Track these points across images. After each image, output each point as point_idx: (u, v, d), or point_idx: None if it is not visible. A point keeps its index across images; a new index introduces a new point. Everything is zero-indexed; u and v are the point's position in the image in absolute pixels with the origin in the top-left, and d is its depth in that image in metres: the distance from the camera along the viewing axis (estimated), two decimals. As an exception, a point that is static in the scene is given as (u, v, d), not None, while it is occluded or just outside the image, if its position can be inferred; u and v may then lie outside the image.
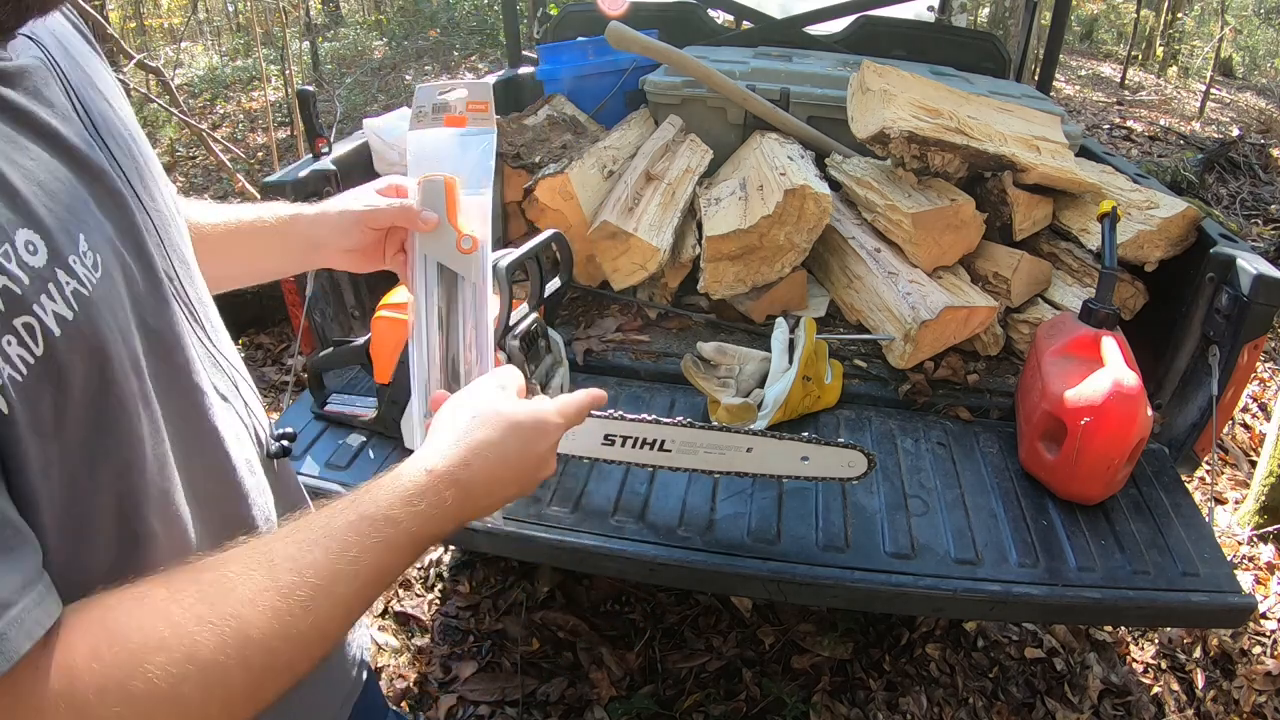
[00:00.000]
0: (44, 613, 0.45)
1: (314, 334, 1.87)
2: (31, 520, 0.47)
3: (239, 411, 0.72)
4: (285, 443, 0.79)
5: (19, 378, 0.46)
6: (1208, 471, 2.22)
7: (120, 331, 0.54)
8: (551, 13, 3.62)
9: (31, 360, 0.46)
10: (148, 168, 0.66)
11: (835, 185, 2.18)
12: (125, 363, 0.54)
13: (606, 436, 1.33)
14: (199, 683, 0.48)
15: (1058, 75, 5.54)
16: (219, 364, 0.70)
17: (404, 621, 2.18)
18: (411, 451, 0.67)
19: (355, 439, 1.59)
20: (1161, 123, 7.85)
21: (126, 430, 0.54)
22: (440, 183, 0.82)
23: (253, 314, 3.56)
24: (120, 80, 0.70)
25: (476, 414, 0.67)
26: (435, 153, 0.84)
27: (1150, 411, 1.49)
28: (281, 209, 0.89)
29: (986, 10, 10.83)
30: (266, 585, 0.52)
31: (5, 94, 0.51)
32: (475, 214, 0.84)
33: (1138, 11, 11.71)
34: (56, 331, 0.48)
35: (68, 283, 0.50)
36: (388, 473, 0.62)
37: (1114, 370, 1.47)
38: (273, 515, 0.75)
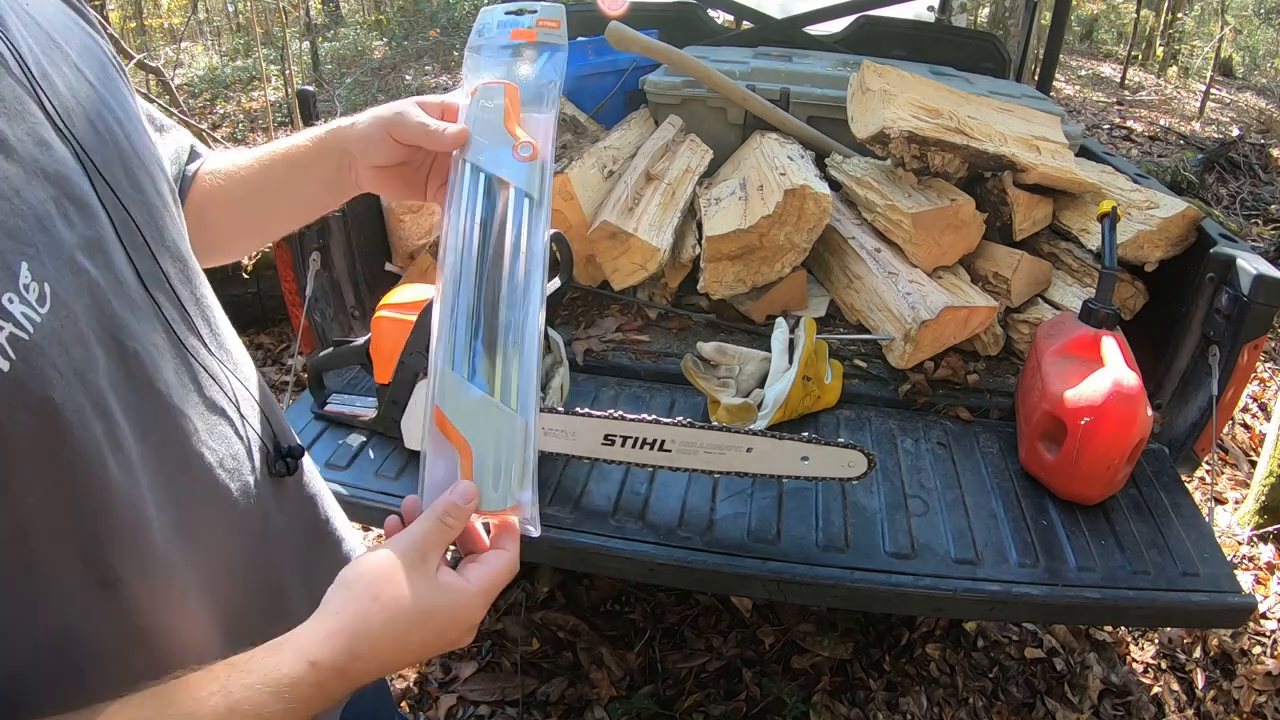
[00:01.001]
0: None
1: (314, 334, 1.86)
2: None
3: (237, 428, 0.66)
4: (290, 460, 0.73)
5: None
6: (1208, 471, 2.22)
7: (76, 373, 0.48)
8: (551, 13, 3.61)
9: None
10: (135, 155, 0.61)
11: (835, 185, 2.18)
12: (84, 409, 0.48)
13: (606, 436, 1.33)
14: None
15: (1058, 75, 5.54)
16: (216, 374, 0.65)
17: (404, 621, 2.18)
18: (412, 452, 0.65)
19: (355, 439, 1.59)
20: (1161, 123, 7.85)
21: (86, 479, 0.49)
22: (499, 89, 0.70)
23: (253, 314, 3.56)
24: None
25: (379, 596, 0.56)
26: (495, 66, 0.73)
27: (1150, 411, 1.49)
28: (318, 129, 0.80)
29: (986, 10, 10.83)
30: None
31: None
32: (538, 131, 0.71)
33: (1138, 11, 11.71)
34: None
35: (2, 327, 0.43)
36: (268, 652, 0.54)
37: (1114, 370, 1.47)
38: (275, 543, 0.70)
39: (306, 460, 0.79)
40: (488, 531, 0.67)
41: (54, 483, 0.47)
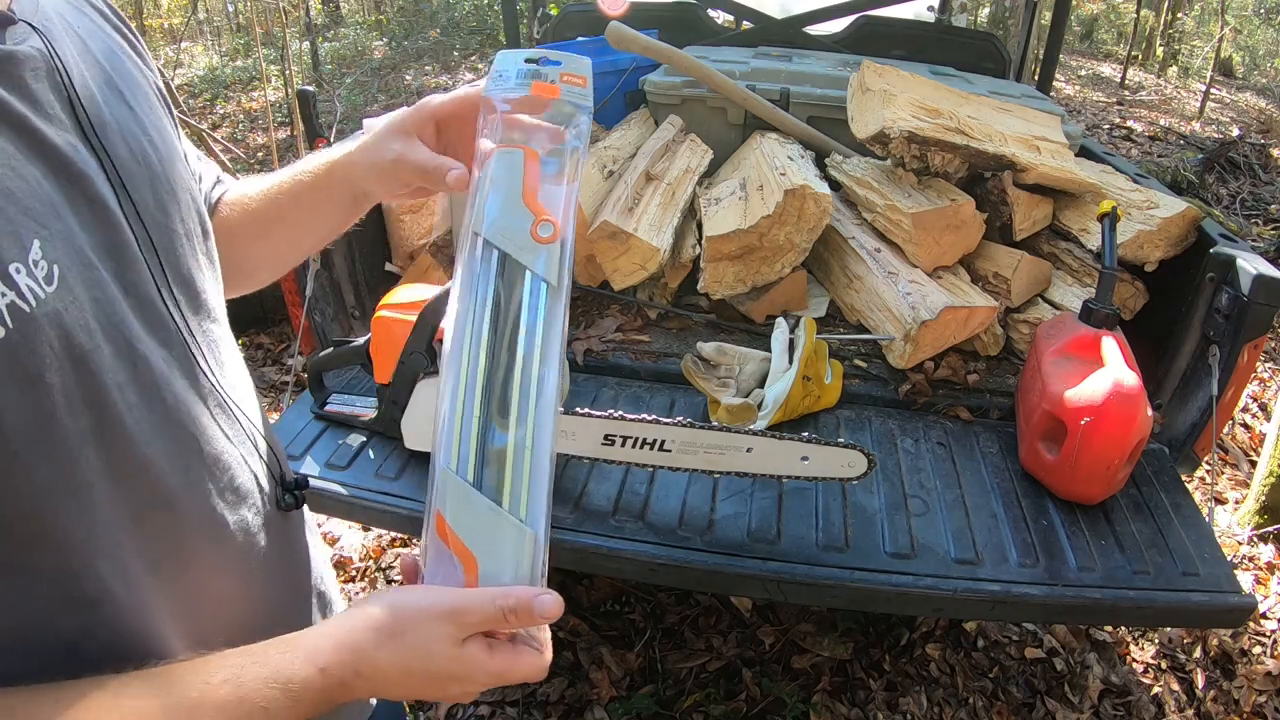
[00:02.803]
0: None
1: (314, 334, 1.86)
2: None
3: (244, 455, 0.65)
4: (296, 493, 0.72)
5: None
6: (1208, 471, 2.22)
7: (74, 359, 0.48)
8: (551, 13, 3.62)
9: None
10: (164, 180, 0.61)
11: (835, 185, 2.18)
12: (75, 397, 0.47)
13: (606, 436, 1.33)
14: None
15: (1058, 75, 5.54)
16: (225, 402, 0.64)
17: (404, 621, 2.18)
18: (412, 452, 0.64)
19: (355, 439, 1.59)
20: (1161, 123, 7.85)
21: (65, 475, 0.47)
22: (518, 155, 0.65)
23: (253, 314, 3.56)
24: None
25: (403, 636, 0.56)
26: (513, 127, 0.67)
27: (1150, 411, 1.49)
28: (317, 160, 0.79)
29: (986, 10, 10.83)
30: None
31: None
32: (559, 205, 0.65)
33: (1138, 11, 11.71)
34: None
35: (4, 294, 0.43)
36: (281, 648, 0.55)
37: (1114, 370, 1.47)
38: (269, 574, 0.69)
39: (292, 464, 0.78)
40: None
41: (34, 471, 0.46)
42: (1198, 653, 2.18)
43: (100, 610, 0.51)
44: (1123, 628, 2.22)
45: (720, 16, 3.42)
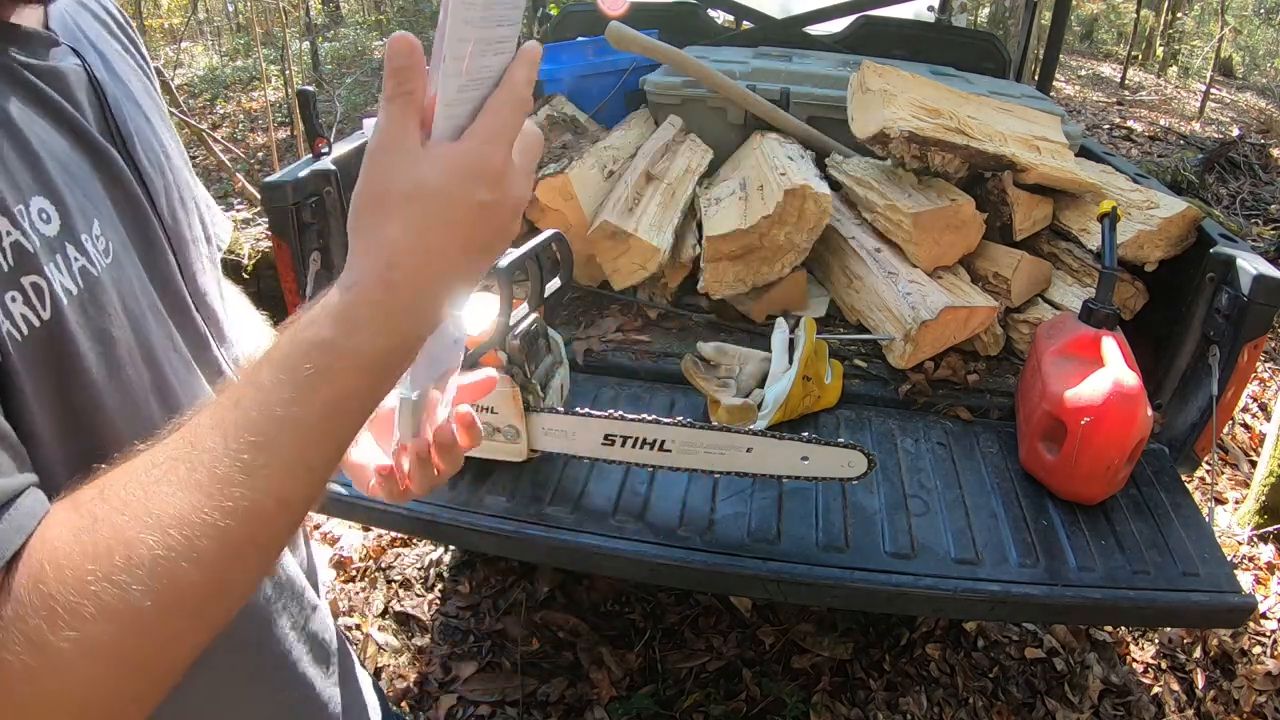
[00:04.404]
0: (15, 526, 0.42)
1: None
2: (32, 452, 0.46)
3: None
4: None
5: (19, 337, 0.45)
6: (1208, 471, 2.22)
7: (131, 321, 0.54)
8: (551, 13, 3.62)
9: (36, 323, 0.46)
10: (177, 188, 0.67)
11: (835, 185, 2.18)
12: (136, 354, 0.54)
13: (606, 436, 1.33)
14: (147, 588, 0.42)
15: (1058, 75, 5.54)
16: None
17: (404, 621, 2.18)
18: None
19: (355, 439, 1.59)
20: (1161, 123, 7.85)
21: (134, 416, 0.53)
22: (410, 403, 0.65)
23: (253, 314, 3.56)
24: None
25: (384, 193, 0.48)
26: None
27: (1150, 411, 1.49)
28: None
29: (986, 10, 10.83)
30: (194, 458, 0.44)
31: (35, 83, 0.53)
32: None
33: (1138, 11, 11.71)
34: (65, 301, 0.47)
35: (76, 259, 0.49)
36: (310, 304, 0.49)
37: (1114, 370, 1.47)
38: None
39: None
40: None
41: (104, 415, 0.51)
42: (1198, 653, 2.18)
43: None
44: (1123, 628, 2.22)
45: (720, 16, 3.42)
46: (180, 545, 0.42)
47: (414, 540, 2.41)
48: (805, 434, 1.40)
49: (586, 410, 1.35)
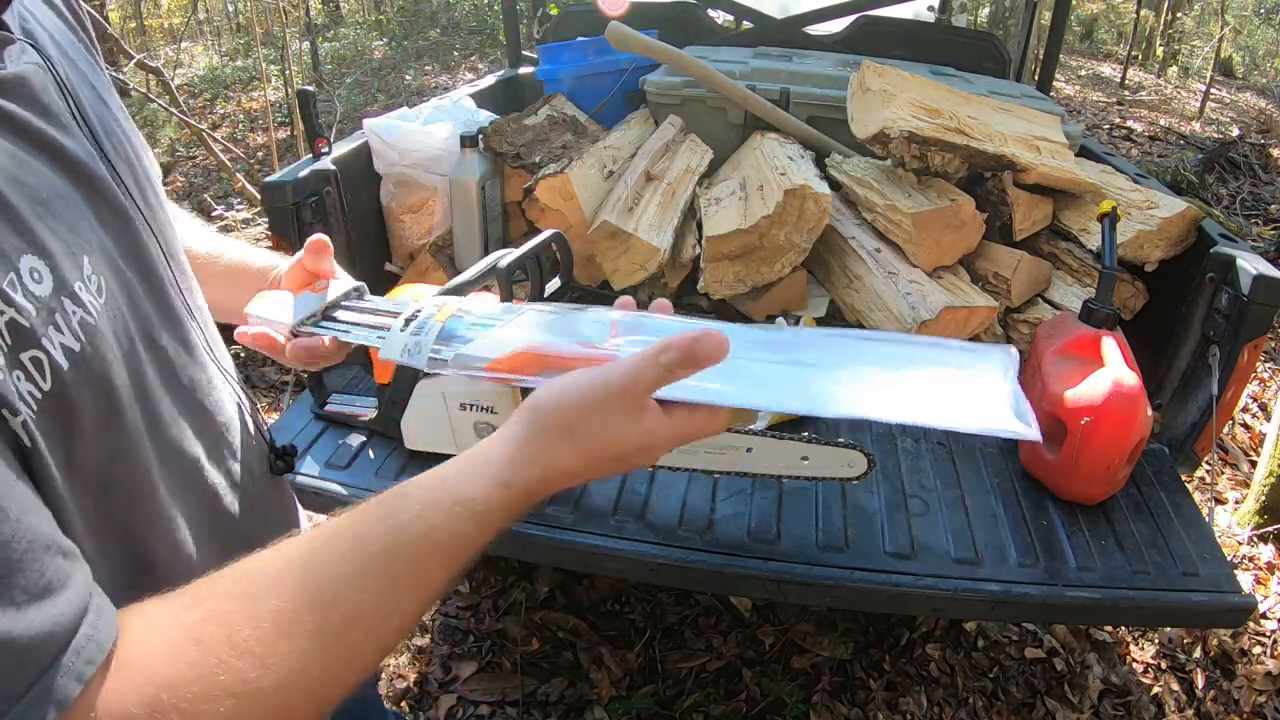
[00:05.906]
0: (97, 645, 0.42)
1: (314, 334, 1.86)
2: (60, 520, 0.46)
3: (247, 426, 0.71)
4: (286, 458, 0.77)
5: (33, 416, 0.44)
6: (1208, 471, 2.22)
7: (125, 357, 0.53)
8: (551, 13, 3.61)
9: (39, 395, 0.45)
10: (145, 172, 0.64)
11: (835, 185, 2.18)
12: (130, 390, 0.53)
13: (606, 436, 1.32)
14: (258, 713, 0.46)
15: (1058, 75, 5.54)
16: (228, 374, 0.70)
17: (404, 621, 2.18)
18: (412, 452, 0.66)
19: (355, 439, 1.59)
20: (1161, 123, 7.85)
21: (134, 459, 0.54)
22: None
23: (253, 314, 3.55)
24: (119, 80, 0.70)
25: (574, 432, 0.55)
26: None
27: (1150, 411, 1.49)
28: (248, 258, 0.92)
29: (986, 10, 10.83)
30: (319, 612, 0.49)
31: (3, 105, 0.49)
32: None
33: (1138, 11, 11.71)
34: (65, 365, 0.46)
35: (74, 312, 0.48)
36: (459, 475, 0.56)
37: (1114, 370, 1.47)
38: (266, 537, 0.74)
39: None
40: None
41: (109, 459, 0.51)
42: (1198, 653, 2.18)
43: (149, 577, 0.55)
44: (1123, 628, 2.22)
45: (720, 16, 3.42)
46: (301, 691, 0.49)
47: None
48: (805, 434, 1.40)
49: (586, 410, 1.35)
